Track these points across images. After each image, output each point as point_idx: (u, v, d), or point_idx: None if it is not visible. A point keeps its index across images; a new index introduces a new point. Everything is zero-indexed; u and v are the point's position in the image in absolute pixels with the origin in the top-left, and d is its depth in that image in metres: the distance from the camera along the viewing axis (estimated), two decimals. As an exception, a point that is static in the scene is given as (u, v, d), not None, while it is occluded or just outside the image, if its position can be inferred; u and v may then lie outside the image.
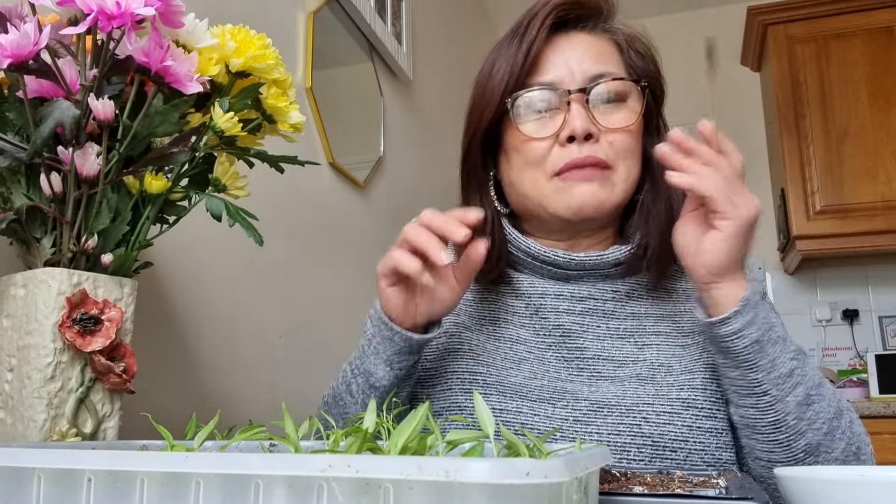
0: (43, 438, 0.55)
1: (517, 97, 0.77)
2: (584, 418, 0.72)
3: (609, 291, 0.80)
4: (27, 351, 0.56)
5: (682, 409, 0.72)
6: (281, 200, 1.30)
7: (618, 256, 0.79)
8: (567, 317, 0.79)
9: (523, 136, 0.76)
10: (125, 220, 0.63)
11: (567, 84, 0.76)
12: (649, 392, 0.73)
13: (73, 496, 0.34)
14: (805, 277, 3.18)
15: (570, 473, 0.29)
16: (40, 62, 0.56)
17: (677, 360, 0.76)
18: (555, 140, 0.76)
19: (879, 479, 0.46)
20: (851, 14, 2.83)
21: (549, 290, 0.80)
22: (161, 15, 0.60)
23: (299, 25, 1.44)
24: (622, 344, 0.77)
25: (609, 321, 0.79)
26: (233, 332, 1.13)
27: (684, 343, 0.77)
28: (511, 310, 0.82)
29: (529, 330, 0.80)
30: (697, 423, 0.71)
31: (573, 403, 0.74)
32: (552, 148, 0.76)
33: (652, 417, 0.71)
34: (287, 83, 0.71)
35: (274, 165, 0.71)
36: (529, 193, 0.78)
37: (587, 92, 0.75)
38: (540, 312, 0.80)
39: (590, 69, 0.77)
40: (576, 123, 0.74)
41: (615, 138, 0.76)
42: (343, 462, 0.29)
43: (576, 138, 0.74)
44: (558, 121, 0.75)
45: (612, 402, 0.73)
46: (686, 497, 0.46)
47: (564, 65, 0.77)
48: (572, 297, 0.79)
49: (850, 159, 2.74)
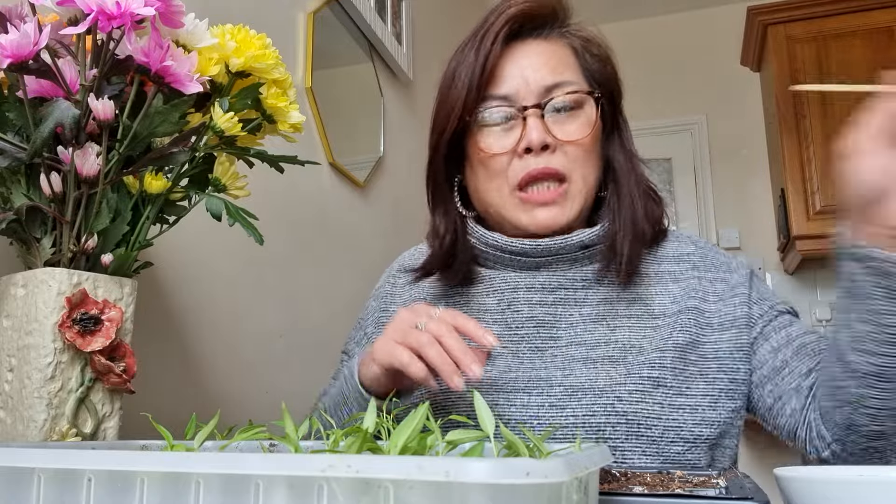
0: (43, 438, 0.55)
1: (476, 112, 0.79)
2: (559, 403, 0.74)
3: (579, 279, 0.81)
4: (27, 351, 0.56)
5: (652, 388, 0.73)
6: (281, 200, 1.30)
7: (582, 239, 0.80)
8: (540, 308, 0.80)
9: (483, 153, 0.79)
10: (125, 220, 0.63)
11: (523, 97, 0.78)
12: (621, 372, 0.75)
13: (73, 496, 0.34)
14: (805, 277, 3.18)
15: (570, 473, 0.29)
16: (40, 62, 0.56)
17: (648, 341, 0.77)
18: (514, 152, 0.78)
19: (879, 479, 0.46)
20: (851, 14, 2.83)
21: (520, 283, 0.82)
22: (161, 15, 0.60)
23: (299, 25, 1.44)
24: (595, 327, 0.79)
25: (581, 308, 0.80)
26: (233, 332, 1.13)
27: (654, 325, 0.78)
28: (482, 308, 0.83)
29: (501, 325, 0.81)
30: (668, 399, 0.73)
31: (547, 390, 0.75)
32: (512, 160, 0.78)
33: (624, 396, 0.73)
34: (287, 83, 0.71)
35: (274, 165, 0.71)
36: (494, 202, 0.81)
37: (542, 107, 0.78)
38: (512, 306, 0.81)
39: (545, 79, 0.79)
40: (532, 136, 0.76)
41: (571, 148, 0.78)
42: (343, 462, 0.29)
43: (532, 150, 0.77)
44: (516, 133, 0.78)
45: (586, 385, 0.74)
46: (686, 497, 0.46)
47: (520, 75, 0.79)
48: (543, 289, 0.81)
49: (850, 159, 2.74)
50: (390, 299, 0.91)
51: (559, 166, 0.78)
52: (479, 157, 0.80)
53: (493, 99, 0.79)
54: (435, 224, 0.86)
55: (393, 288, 0.92)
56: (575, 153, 0.79)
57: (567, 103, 0.79)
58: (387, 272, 0.96)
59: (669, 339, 0.77)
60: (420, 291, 0.89)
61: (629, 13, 3.60)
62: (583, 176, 0.80)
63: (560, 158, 0.78)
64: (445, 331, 0.65)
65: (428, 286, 0.89)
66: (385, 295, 0.92)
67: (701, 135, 3.46)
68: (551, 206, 0.78)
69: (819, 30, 2.86)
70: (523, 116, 0.78)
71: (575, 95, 0.79)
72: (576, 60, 0.82)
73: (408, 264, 0.93)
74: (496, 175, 0.80)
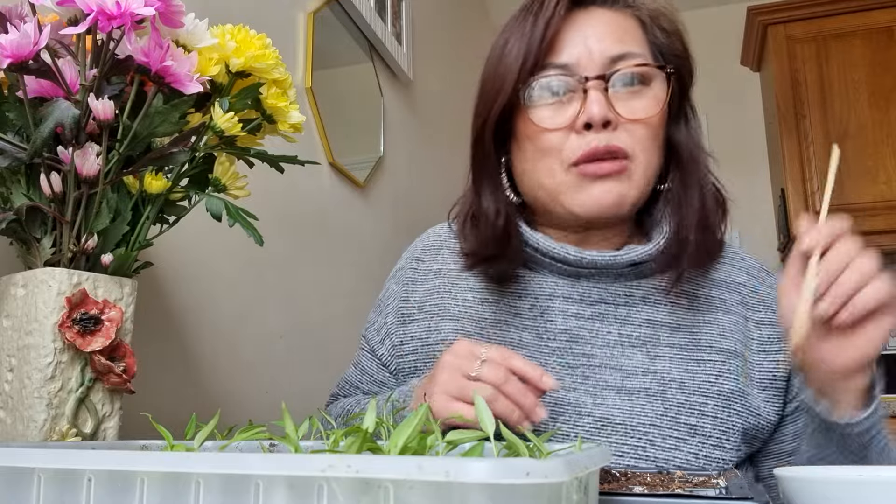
0: (43, 438, 0.55)
1: (530, 84, 0.71)
2: (586, 435, 0.69)
3: (623, 295, 0.75)
4: (27, 351, 0.56)
5: (688, 436, 0.68)
6: (281, 200, 1.30)
7: (633, 257, 0.73)
8: (575, 321, 0.74)
9: (537, 127, 0.72)
10: (125, 220, 0.63)
11: (585, 68, 0.71)
12: (657, 410, 0.69)
13: (73, 496, 0.34)
14: (805, 277, 3.18)
15: (570, 473, 0.29)
16: (40, 62, 0.56)
17: (690, 377, 0.71)
18: (571, 129, 0.71)
19: (879, 479, 0.46)
20: (851, 14, 2.83)
21: (557, 291, 0.76)
22: (161, 15, 0.60)
23: (299, 25, 1.44)
24: (633, 353, 0.72)
25: (621, 327, 0.74)
26: (233, 332, 1.13)
27: (699, 358, 0.72)
28: (513, 311, 0.77)
29: (532, 333, 0.75)
30: (704, 451, 0.68)
31: (575, 419, 0.70)
32: (568, 136, 0.71)
33: (658, 441, 0.68)
34: (287, 83, 0.71)
35: (274, 165, 0.71)
36: (545, 184, 0.73)
37: (606, 79, 0.70)
38: (546, 315, 0.75)
39: (610, 49, 0.71)
40: (593, 109, 0.69)
41: (635, 127, 0.71)
42: (343, 462, 0.29)
43: (593, 126, 0.69)
44: (574, 107, 0.70)
45: (617, 420, 0.69)
46: (686, 497, 0.46)
47: (583, 44, 0.71)
48: (582, 301, 0.75)
49: (850, 159, 2.74)
50: (412, 287, 0.83)
51: (622, 144, 0.70)
52: (530, 133, 0.72)
53: (552, 68, 0.71)
54: (483, 205, 0.77)
55: (415, 274, 0.84)
56: (640, 133, 0.71)
57: (634, 77, 0.71)
58: (409, 252, 0.89)
59: (715, 384, 0.71)
60: (445, 282, 0.81)
61: (629, 13, 3.59)
62: (647, 158, 0.71)
63: (622, 136, 0.70)
64: (503, 378, 0.60)
65: (455, 274, 0.81)
66: (407, 281, 0.84)
67: (701, 135, 3.46)
68: (611, 181, 0.70)
69: (819, 30, 2.86)
70: (584, 88, 0.70)
71: (643, 69, 0.71)
72: (643, 34, 0.75)
73: (433, 245, 0.86)
74: (549, 153, 0.71)
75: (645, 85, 0.72)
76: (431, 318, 0.80)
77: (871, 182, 2.71)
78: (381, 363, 0.84)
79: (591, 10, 0.74)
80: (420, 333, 0.80)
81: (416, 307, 0.82)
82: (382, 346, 0.84)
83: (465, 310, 0.79)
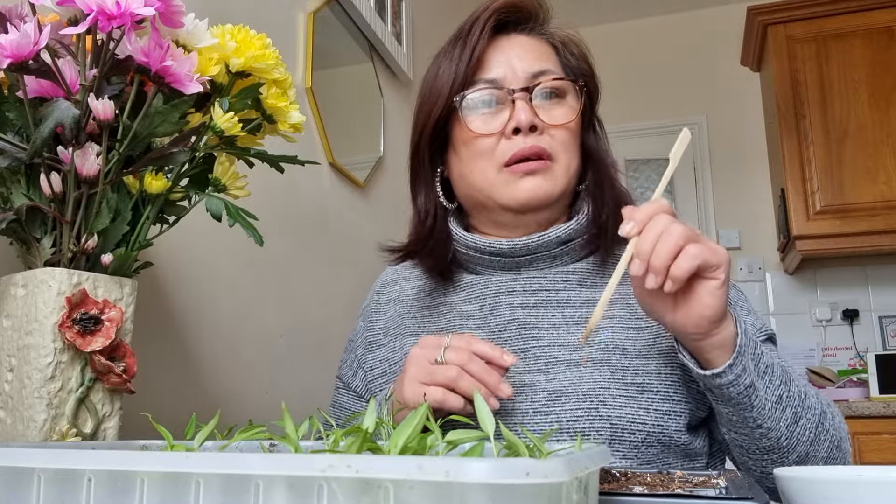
0: (43, 438, 0.55)
1: (464, 95, 0.81)
2: (543, 409, 0.75)
3: (560, 281, 0.82)
4: (27, 351, 0.56)
5: (637, 394, 0.74)
6: (281, 200, 1.30)
7: (559, 234, 0.81)
8: (522, 311, 0.81)
9: (472, 133, 0.81)
10: (125, 220, 0.63)
11: (510, 82, 0.81)
12: (604, 375, 0.75)
13: (73, 496, 0.34)
14: (805, 277, 3.18)
15: (570, 473, 0.29)
16: (40, 62, 0.56)
17: (631, 343, 0.77)
18: (501, 134, 0.81)
19: (879, 479, 0.46)
20: (851, 14, 2.83)
21: (502, 287, 0.83)
22: (161, 15, 0.60)
23: (299, 25, 1.44)
24: (577, 330, 0.79)
25: (564, 310, 0.81)
26: (233, 332, 1.13)
27: (637, 326, 0.79)
28: (465, 315, 0.84)
29: (485, 330, 0.82)
30: (654, 405, 0.74)
31: (531, 395, 0.76)
32: (499, 141, 0.81)
33: (609, 401, 0.73)
34: (287, 83, 0.71)
35: (274, 165, 0.71)
36: (479, 184, 0.82)
37: (530, 91, 0.81)
38: (495, 311, 0.82)
39: (531, 66, 0.82)
40: (521, 116, 0.79)
41: (556, 133, 0.81)
42: (343, 462, 0.29)
43: (521, 130, 0.79)
44: (504, 116, 0.81)
45: (570, 390, 0.75)
46: (686, 497, 0.46)
47: (507, 63, 0.82)
48: (525, 291, 0.82)
49: (850, 159, 2.74)
50: (376, 317, 0.92)
51: (546, 146, 0.80)
52: (466, 139, 0.82)
53: (482, 82, 0.82)
54: (417, 207, 0.89)
55: (377, 305, 0.93)
56: (560, 137, 0.81)
57: (552, 91, 0.82)
58: (371, 290, 0.97)
59: (654, 345, 0.77)
60: (404, 306, 0.89)
61: (629, 13, 3.60)
62: (567, 159, 0.82)
63: (547, 140, 0.81)
64: (467, 359, 0.67)
65: (412, 298, 0.90)
66: (370, 313, 0.93)
67: (701, 135, 3.46)
68: (538, 177, 0.80)
69: (819, 30, 2.86)
70: (512, 99, 0.80)
71: (560, 82, 0.83)
72: (557, 56, 0.86)
73: (390, 278, 0.95)
74: (482, 156, 0.81)
75: (561, 98, 0.83)
76: (395, 340, 0.87)
77: (871, 182, 2.71)
78: (357, 395, 0.90)
79: (512, 35, 0.85)
80: (387, 356, 0.87)
81: (381, 333, 0.90)
82: (356, 378, 0.90)
83: (424, 324, 0.87)
